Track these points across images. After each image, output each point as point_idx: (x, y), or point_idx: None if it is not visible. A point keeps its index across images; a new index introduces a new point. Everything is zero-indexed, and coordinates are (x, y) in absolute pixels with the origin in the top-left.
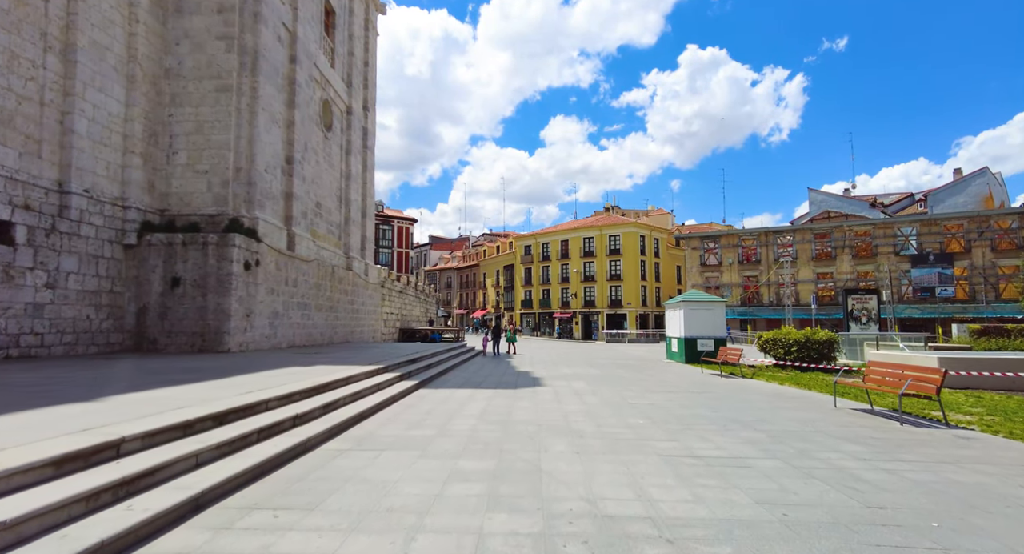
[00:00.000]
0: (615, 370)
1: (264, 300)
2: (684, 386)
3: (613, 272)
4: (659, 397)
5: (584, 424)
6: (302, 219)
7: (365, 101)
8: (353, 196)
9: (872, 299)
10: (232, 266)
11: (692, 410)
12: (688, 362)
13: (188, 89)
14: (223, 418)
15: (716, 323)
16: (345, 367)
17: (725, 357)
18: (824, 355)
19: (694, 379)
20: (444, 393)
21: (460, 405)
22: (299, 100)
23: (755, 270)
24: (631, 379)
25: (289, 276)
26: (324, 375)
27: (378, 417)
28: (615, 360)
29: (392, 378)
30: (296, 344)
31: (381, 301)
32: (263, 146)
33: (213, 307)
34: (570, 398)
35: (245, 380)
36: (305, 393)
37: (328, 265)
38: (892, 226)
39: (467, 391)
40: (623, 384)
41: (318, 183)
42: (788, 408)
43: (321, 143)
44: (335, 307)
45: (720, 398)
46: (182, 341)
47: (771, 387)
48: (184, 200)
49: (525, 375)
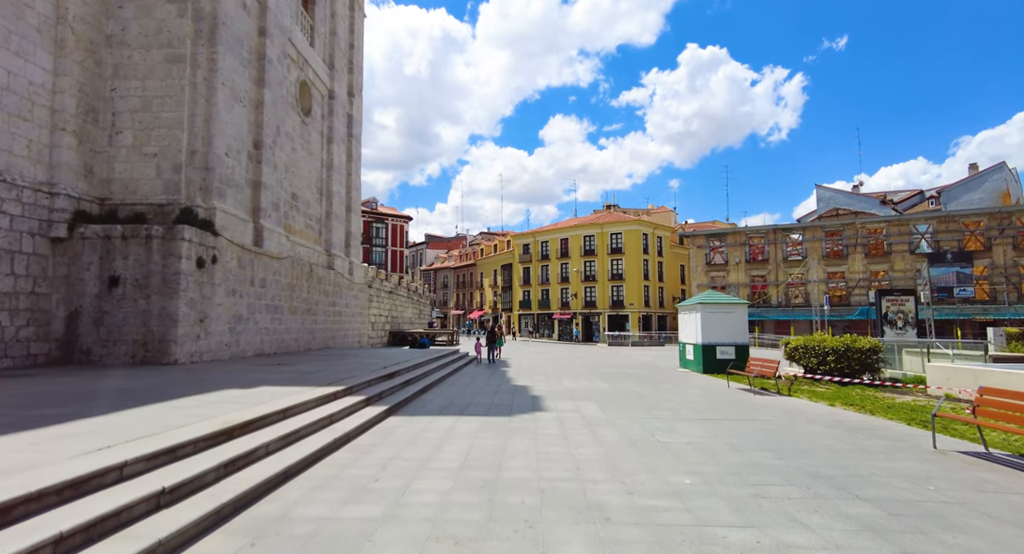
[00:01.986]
0: (627, 383)
1: (223, 303)
2: (718, 409)
3: (615, 271)
4: (695, 429)
5: (607, 489)
6: (273, 211)
7: (350, 86)
8: (336, 188)
9: (909, 300)
10: (180, 263)
11: (748, 455)
12: (707, 372)
13: (134, 59)
14: (8, 511)
15: (737, 328)
16: (298, 389)
17: (760, 370)
18: (867, 366)
19: (724, 397)
20: (419, 424)
21: (434, 449)
22: (270, 78)
23: (763, 269)
24: (651, 398)
25: (256, 275)
26: (252, 407)
27: (311, 475)
28: (623, 369)
29: (354, 404)
30: (264, 352)
31: (368, 302)
32: (223, 127)
33: (158, 311)
34: (580, 432)
35: (146, 414)
36: (203, 442)
37: (305, 263)
38: (907, 223)
39: (449, 420)
40: (643, 406)
41: (294, 172)
42: (875, 451)
43: (298, 128)
44: (313, 310)
45: (773, 431)
46: (121, 351)
47: (823, 410)
48: (129, 187)
49: (523, 392)
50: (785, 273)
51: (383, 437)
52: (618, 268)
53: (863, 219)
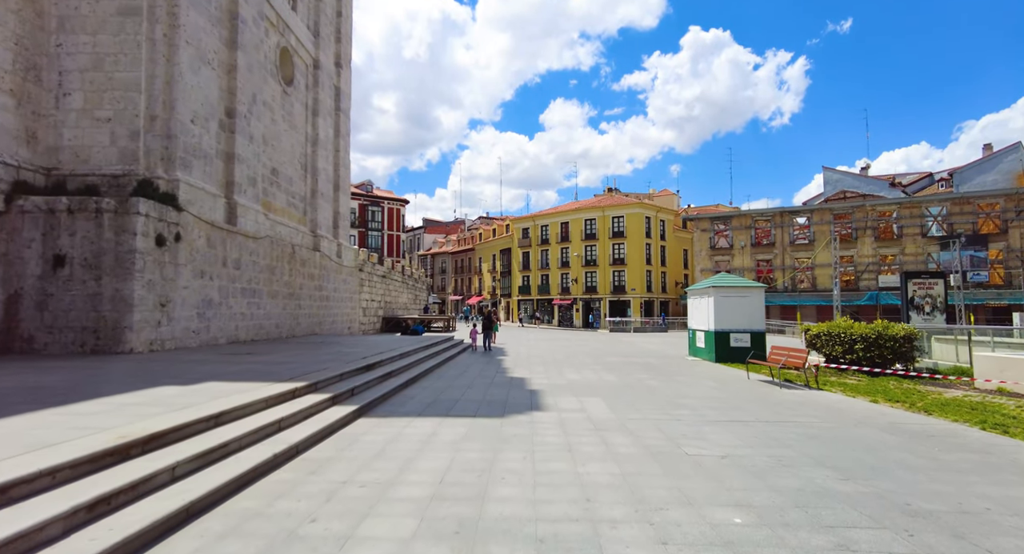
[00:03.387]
0: (636, 374)
1: (190, 285)
2: (746, 407)
3: (616, 256)
4: (726, 435)
5: (631, 537)
6: (249, 187)
7: (337, 56)
8: (322, 164)
9: (938, 284)
10: (135, 240)
11: (804, 474)
12: (719, 361)
13: (82, 11)
14: None
15: (753, 313)
16: (252, 385)
17: (787, 360)
18: (901, 355)
19: (748, 391)
20: (392, 428)
21: (404, 466)
22: (244, 41)
23: (769, 254)
24: (665, 393)
25: (229, 256)
26: (179, 411)
27: (223, 511)
28: (629, 358)
29: (317, 404)
30: (240, 339)
31: (359, 287)
32: (188, 90)
33: (110, 294)
34: (588, 440)
35: (24, 425)
36: (70, 470)
37: (287, 244)
38: (919, 205)
39: (429, 423)
40: (658, 403)
41: (275, 146)
42: (965, 470)
43: (279, 99)
44: (296, 294)
45: (821, 438)
46: (69, 339)
47: (867, 408)
48: (80, 156)
49: (519, 385)
50: (792, 257)
51: (343, 448)
52: (620, 253)
53: (873, 201)
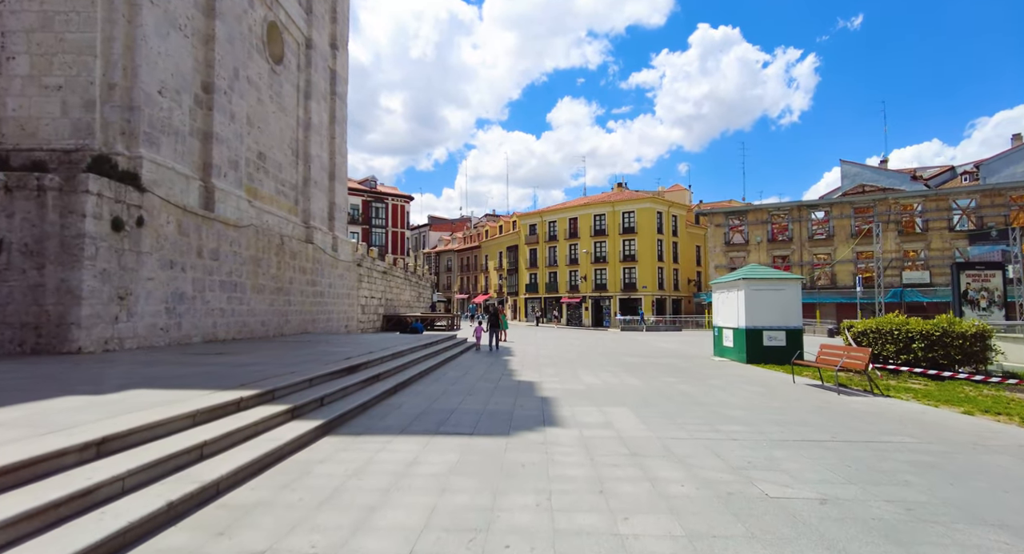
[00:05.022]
0: (662, 377)
1: (157, 277)
2: (810, 420)
3: (627, 252)
4: (807, 462)
5: None
6: (230, 170)
7: (333, 37)
8: (315, 151)
9: (996, 276)
10: (84, 223)
11: (966, 538)
12: (751, 362)
13: None
14: None
15: (788, 309)
16: (190, 394)
17: (845, 361)
18: (971, 356)
19: (801, 398)
20: (359, 454)
21: (358, 522)
22: (223, 8)
23: (786, 249)
24: (704, 401)
25: (205, 245)
26: (56, 433)
27: None
28: (650, 358)
29: (268, 419)
30: (218, 337)
31: (358, 283)
32: (154, 57)
33: (55, 285)
34: (624, 473)
35: None
36: None
37: (275, 234)
38: (945, 198)
39: (412, 445)
40: (700, 415)
41: (262, 129)
42: None
43: (266, 78)
44: (285, 288)
45: (943, 468)
46: (6, 337)
47: (966, 422)
48: (26, 128)
49: (528, 391)
50: (810, 252)
51: (285, 485)
52: (630, 249)
53: (896, 194)
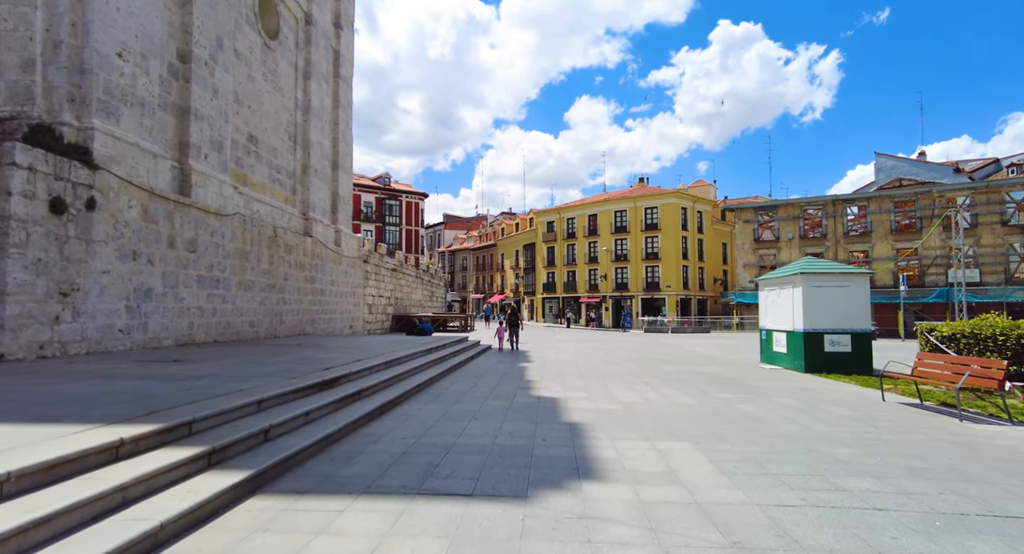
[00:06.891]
0: (715, 393)
1: (114, 269)
2: (967, 469)
3: (650, 250)
4: None
5: None
6: (212, 152)
7: (336, 15)
8: (315, 137)
9: None
10: (10, 204)
11: None
12: (809, 371)
13: None
14: None
15: (855, 308)
16: (61, 431)
17: (972, 377)
18: None
19: (922, 429)
20: (288, 541)
21: None
22: None
23: (820, 246)
24: (787, 431)
25: (180, 234)
26: None
27: None
28: (688, 365)
29: (159, 472)
30: (196, 340)
31: (364, 281)
32: (111, 12)
33: None
34: None
35: None
36: None
37: (267, 225)
38: (998, 191)
39: (375, 520)
40: (799, 457)
41: (253, 109)
42: None
43: (258, 53)
44: (279, 285)
45: None
46: None
47: None
48: None
49: (551, 412)
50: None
51: None
52: (653, 246)
53: (941, 187)
